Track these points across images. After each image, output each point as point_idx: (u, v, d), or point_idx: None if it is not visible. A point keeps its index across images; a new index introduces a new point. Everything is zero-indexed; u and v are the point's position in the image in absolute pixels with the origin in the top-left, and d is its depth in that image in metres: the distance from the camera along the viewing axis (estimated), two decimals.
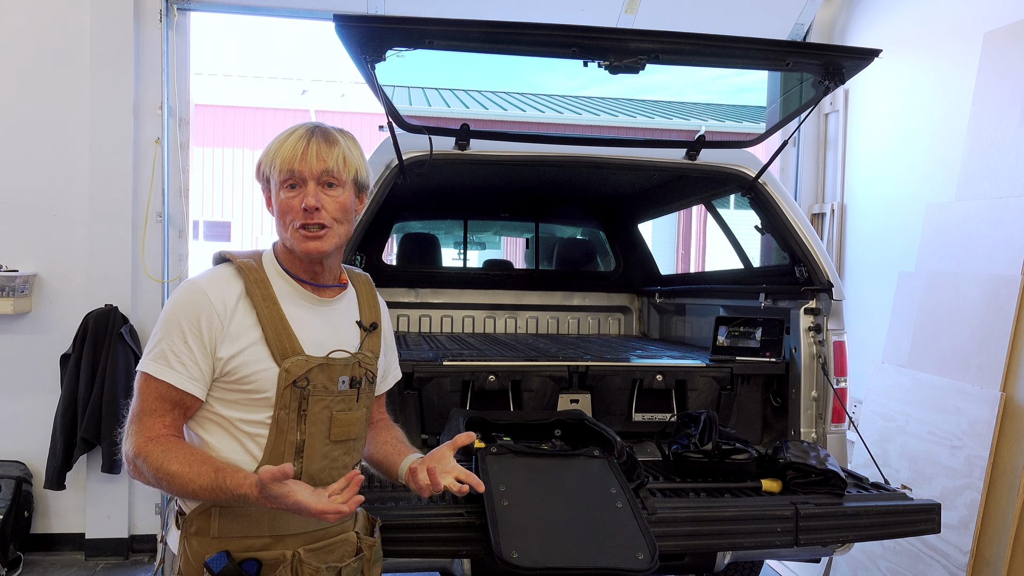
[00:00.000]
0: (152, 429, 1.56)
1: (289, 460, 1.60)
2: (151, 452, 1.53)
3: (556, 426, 2.63)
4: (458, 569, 2.47)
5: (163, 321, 1.59)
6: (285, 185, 1.61)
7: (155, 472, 1.51)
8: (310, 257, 1.63)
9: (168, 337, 1.57)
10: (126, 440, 1.57)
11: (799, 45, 3.20)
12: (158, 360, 1.56)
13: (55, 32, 4.44)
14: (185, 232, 4.66)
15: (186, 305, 1.57)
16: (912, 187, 4.34)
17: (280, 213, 1.62)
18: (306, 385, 1.60)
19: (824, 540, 2.39)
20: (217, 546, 1.58)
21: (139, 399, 1.58)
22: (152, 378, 1.56)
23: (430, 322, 4.90)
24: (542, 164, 3.28)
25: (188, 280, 1.63)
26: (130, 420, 1.58)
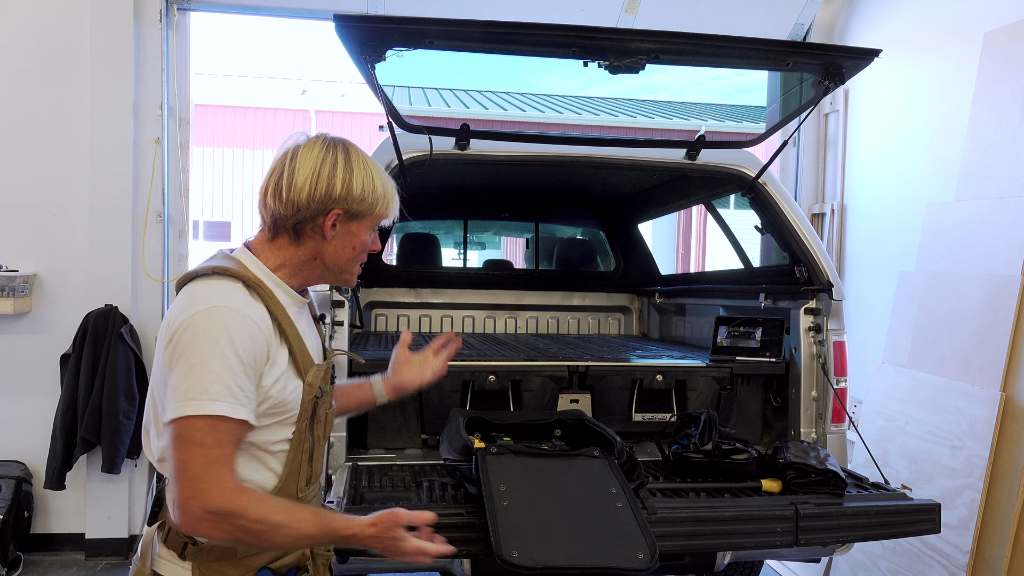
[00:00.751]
0: (230, 479, 1.41)
1: (305, 468, 1.60)
2: (248, 505, 1.40)
3: (556, 426, 2.63)
4: (458, 569, 2.47)
5: (211, 354, 1.39)
6: (373, 228, 1.65)
7: (257, 525, 1.39)
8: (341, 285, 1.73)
9: (227, 371, 1.40)
10: (200, 497, 1.37)
11: (799, 45, 3.21)
12: (225, 398, 1.39)
13: (55, 32, 4.44)
14: (185, 232, 4.66)
15: (237, 334, 1.42)
16: (912, 187, 4.34)
17: (352, 249, 1.62)
18: (321, 395, 1.61)
19: (824, 540, 2.39)
20: (247, 566, 1.53)
21: (207, 447, 1.38)
22: (224, 420, 1.39)
23: (430, 322, 4.90)
24: (542, 164, 3.28)
25: (219, 304, 1.43)
26: (198, 474, 1.38)
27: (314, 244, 1.58)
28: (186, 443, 1.38)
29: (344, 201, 1.55)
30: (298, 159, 1.55)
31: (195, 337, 1.40)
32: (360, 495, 2.39)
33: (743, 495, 2.46)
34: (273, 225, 1.58)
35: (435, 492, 2.37)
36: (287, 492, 1.56)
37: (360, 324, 4.31)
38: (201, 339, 1.40)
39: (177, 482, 1.39)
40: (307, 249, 1.59)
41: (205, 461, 1.38)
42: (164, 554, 1.53)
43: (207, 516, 1.38)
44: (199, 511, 1.38)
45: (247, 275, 1.51)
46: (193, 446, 1.38)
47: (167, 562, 1.52)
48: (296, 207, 1.53)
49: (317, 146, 1.56)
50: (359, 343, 3.69)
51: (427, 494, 2.35)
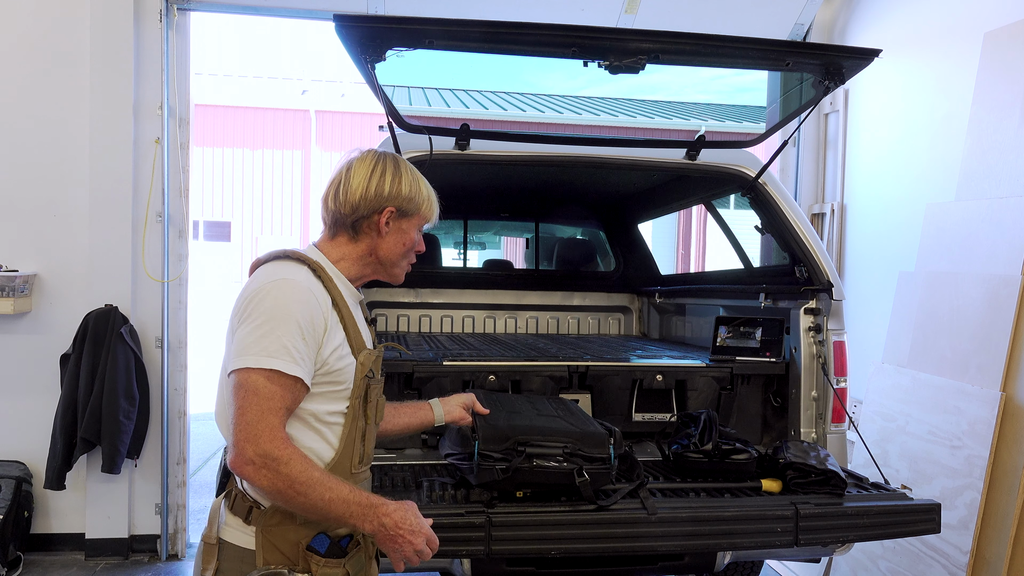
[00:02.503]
0: (281, 430, 1.56)
1: (358, 444, 1.76)
2: (294, 456, 1.54)
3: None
4: (458, 569, 2.47)
5: (275, 316, 1.59)
6: (420, 228, 1.89)
7: (298, 475, 1.53)
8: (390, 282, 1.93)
9: (287, 332, 1.58)
10: (252, 441, 1.52)
11: (799, 45, 3.21)
12: (282, 356, 1.56)
13: (55, 32, 4.44)
14: (185, 232, 4.66)
15: (299, 303, 1.61)
16: (912, 187, 4.34)
17: (403, 245, 1.85)
18: (372, 376, 1.77)
19: (824, 540, 2.39)
20: (306, 531, 1.65)
21: (262, 396, 1.55)
22: (279, 374, 1.56)
23: (430, 322, 4.90)
24: (542, 164, 3.28)
25: (286, 278, 1.64)
26: (253, 420, 1.53)
27: (370, 240, 1.81)
28: (245, 391, 1.55)
29: (396, 199, 1.79)
30: (353, 168, 1.80)
31: (262, 302, 1.61)
32: None
33: (743, 495, 2.46)
34: (333, 224, 1.81)
35: (435, 492, 2.37)
36: (342, 467, 1.72)
37: None
38: (267, 304, 1.61)
39: (234, 426, 1.55)
40: (363, 245, 1.81)
41: (260, 410, 1.54)
42: (230, 521, 1.69)
43: (256, 458, 1.52)
44: (251, 452, 1.52)
45: (311, 260, 1.73)
46: (250, 395, 1.55)
47: (233, 529, 1.68)
48: (354, 207, 1.77)
49: (370, 157, 1.82)
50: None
51: (427, 494, 2.35)
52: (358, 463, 1.77)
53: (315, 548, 1.65)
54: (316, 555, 1.64)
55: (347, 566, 1.68)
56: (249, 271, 1.78)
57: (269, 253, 1.77)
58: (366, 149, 1.85)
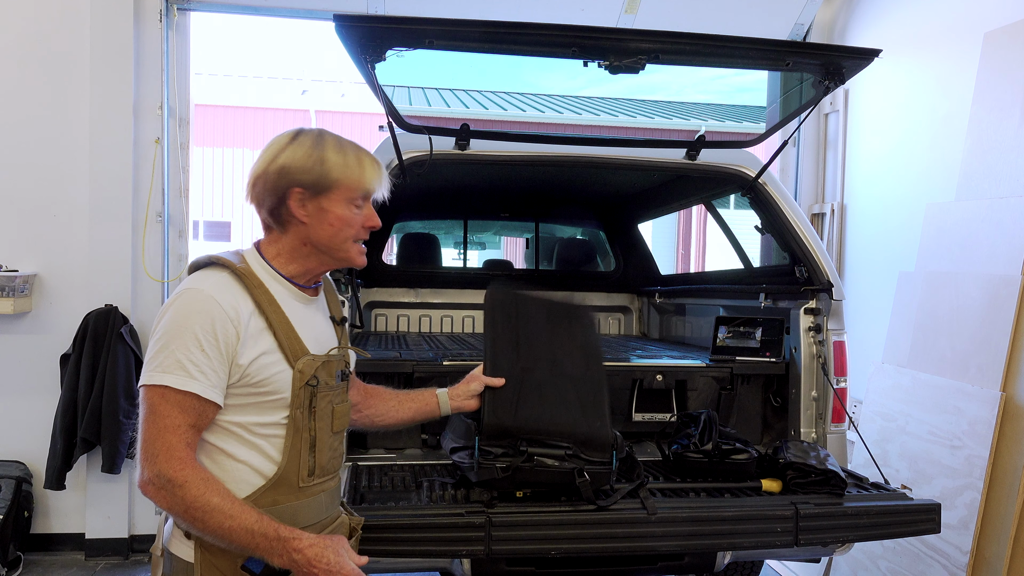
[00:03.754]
0: (180, 450, 1.47)
1: (305, 455, 1.65)
2: (190, 479, 1.45)
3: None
4: (458, 569, 2.47)
5: (171, 330, 1.50)
6: (353, 202, 1.66)
7: (193, 500, 1.44)
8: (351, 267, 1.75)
9: (182, 346, 1.49)
10: (151, 461, 1.45)
11: (799, 45, 3.20)
12: (175, 371, 1.48)
13: (55, 32, 4.44)
14: (185, 232, 4.66)
15: (198, 313, 1.51)
16: (912, 187, 4.34)
17: (332, 226, 1.64)
18: (316, 384, 1.65)
19: (824, 540, 2.39)
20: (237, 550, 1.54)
21: (157, 415, 1.47)
22: (172, 390, 1.48)
23: (430, 322, 4.90)
24: (542, 164, 3.28)
25: (189, 287, 1.55)
26: (150, 439, 1.47)
27: (296, 229, 1.65)
28: (144, 410, 1.50)
29: (295, 178, 1.60)
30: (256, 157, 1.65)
31: (163, 316, 1.54)
32: (360, 495, 2.39)
33: (743, 495, 2.46)
34: (262, 222, 1.68)
35: (435, 492, 2.37)
36: (287, 480, 1.61)
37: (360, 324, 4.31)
38: (166, 317, 1.53)
39: (139, 445, 1.50)
40: (292, 236, 1.66)
41: (156, 428, 1.47)
42: (175, 533, 1.60)
43: (154, 479, 1.46)
44: (149, 473, 1.46)
45: (235, 265, 1.61)
46: (148, 413, 1.49)
47: (176, 541, 1.60)
48: (259, 197, 1.63)
49: (274, 138, 1.65)
50: (359, 343, 3.69)
51: (427, 494, 2.35)
52: (307, 476, 1.64)
53: (249, 568, 1.52)
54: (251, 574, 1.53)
55: None
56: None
57: (194, 261, 1.65)
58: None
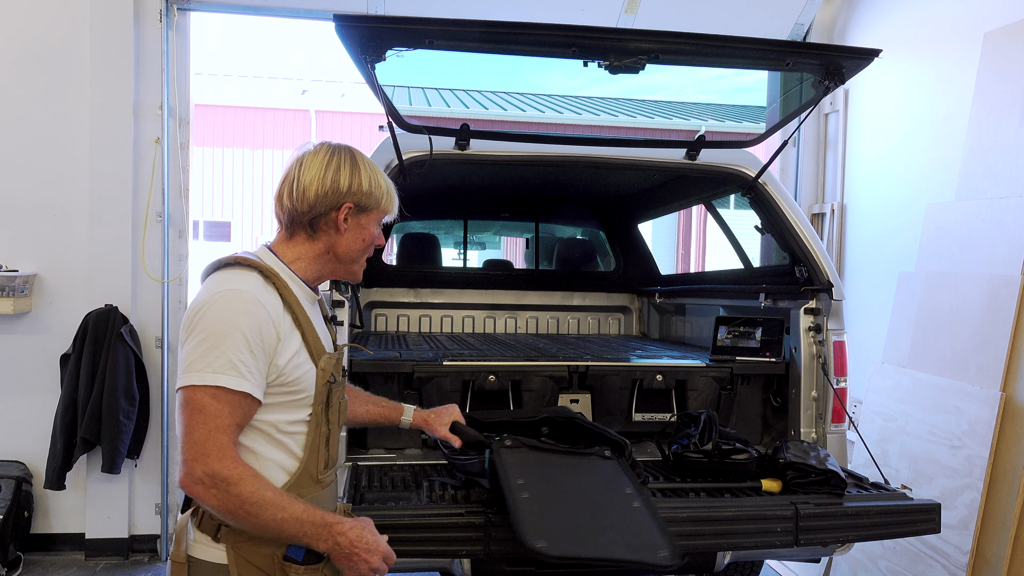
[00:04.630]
0: (230, 448, 1.51)
1: (322, 450, 1.72)
2: (244, 475, 1.50)
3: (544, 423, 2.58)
4: (458, 569, 2.47)
5: (219, 330, 1.53)
6: (379, 223, 1.81)
7: (249, 496, 1.48)
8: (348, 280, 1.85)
9: (232, 347, 1.52)
10: (201, 460, 1.47)
11: (799, 45, 3.21)
12: (227, 371, 1.51)
13: (55, 32, 4.44)
14: (185, 232, 4.66)
15: (244, 314, 1.55)
16: (912, 187, 4.34)
17: (362, 241, 1.78)
18: (334, 381, 1.74)
19: (824, 540, 2.39)
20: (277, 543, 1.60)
21: (208, 415, 1.50)
22: (226, 391, 1.51)
23: (430, 322, 4.90)
24: (542, 164, 3.28)
25: (231, 288, 1.58)
26: (200, 438, 1.49)
27: (328, 238, 1.74)
28: (191, 410, 1.51)
29: (354, 195, 1.72)
30: (306, 163, 1.72)
31: (206, 315, 1.55)
32: (360, 495, 2.39)
33: (743, 495, 2.46)
34: (290, 224, 1.74)
35: (435, 492, 2.37)
36: (307, 475, 1.68)
37: (360, 324, 4.32)
38: (211, 317, 1.55)
39: (182, 445, 1.50)
40: (321, 243, 1.74)
41: (207, 428, 1.50)
42: (198, 538, 1.62)
43: (205, 478, 1.48)
44: (200, 472, 1.48)
45: (263, 265, 1.66)
46: (197, 413, 1.50)
47: (202, 545, 1.62)
48: (311, 204, 1.70)
49: (323, 150, 1.74)
50: (359, 343, 3.69)
51: (427, 494, 2.35)
52: (323, 469, 1.73)
53: (292, 557, 1.61)
54: (294, 564, 1.61)
55: (324, 570, 1.64)
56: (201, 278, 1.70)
57: (218, 260, 1.68)
58: (319, 142, 1.76)
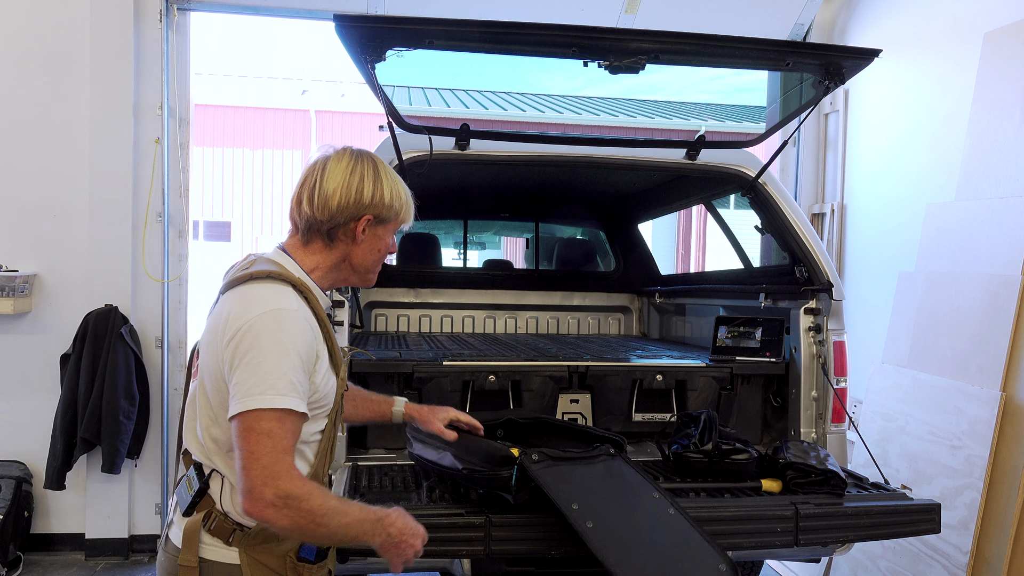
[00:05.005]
0: (295, 468, 1.53)
1: (330, 455, 1.76)
2: (312, 490, 1.53)
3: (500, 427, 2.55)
4: (458, 569, 2.47)
5: (276, 351, 1.52)
6: (394, 232, 1.82)
7: (318, 508, 1.52)
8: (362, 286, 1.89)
9: (292, 368, 1.53)
10: (271, 483, 1.48)
11: (799, 45, 3.21)
12: (290, 394, 1.52)
13: (55, 32, 4.44)
14: (185, 232, 4.66)
15: (298, 334, 1.56)
16: (912, 187, 4.34)
17: (378, 252, 1.80)
18: (347, 389, 1.79)
19: (824, 540, 2.39)
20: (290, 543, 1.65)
21: (275, 437, 1.50)
22: (291, 413, 1.53)
23: (430, 322, 4.90)
24: (542, 164, 3.28)
25: (277, 307, 1.56)
26: (269, 461, 1.49)
27: (344, 247, 1.74)
28: (256, 434, 1.49)
29: (375, 207, 1.71)
30: (329, 170, 1.69)
31: (258, 337, 1.52)
32: (360, 495, 2.39)
33: (743, 495, 2.46)
34: (307, 230, 1.71)
35: (435, 492, 2.37)
36: (317, 477, 1.72)
37: (360, 324, 4.31)
38: (265, 339, 1.52)
39: (246, 471, 1.49)
40: (338, 252, 1.74)
41: (274, 451, 1.50)
42: (210, 541, 1.63)
43: (276, 500, 1.48)
44: (271, 496, 1.48)
45: (295, 279, 1.64)
46: (263, 437, 1.49)
47: (214, 548, 1.63)
48: (332, 214, 1.68)
49: (346, 158, 1.71)
50: (359, 343, 3.69)
51: (427, 494, 2.35)
52: (327, 470, 1.78)
53: (306, 558, 1.66)
54: (308, 564, 1.66)
55: (329, 564, 1.75)
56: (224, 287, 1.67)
57: (246, 271, 1.65)
58: (340, 147, 1.74)
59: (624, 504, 2.15)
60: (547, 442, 2.44)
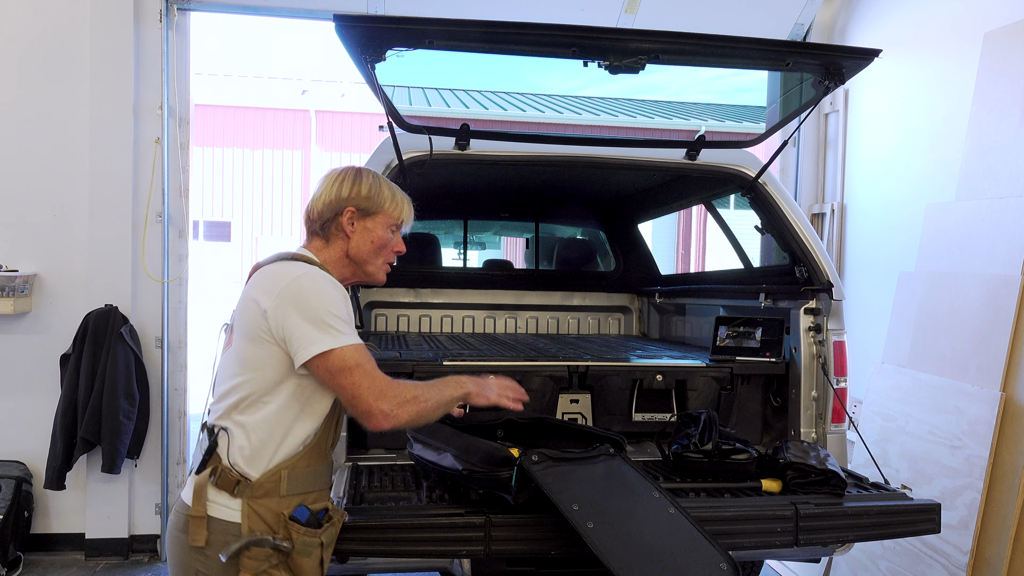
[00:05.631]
0: (384, 376, 1.84)
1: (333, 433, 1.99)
2: (406, 385, 1.87)
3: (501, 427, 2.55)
4: (458, 569, 2.47)
5: (328, 300, 1.83)
6: (391, 228, 2.04)
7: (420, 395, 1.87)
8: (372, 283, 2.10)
9: (347, 311, 1.85)
10: (380, 398, 1.79)
11: (799, 45, 3.21)
12: (348, 331, 1.84)
13: (55, 32, 4.44)
14: (185, 232, 4.66)
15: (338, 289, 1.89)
16: (912, 187, 4.34)
17: (371, 243, 2.01)
18: None
19: (824, 540, 2.39)
20: (287, 503, 1.85)
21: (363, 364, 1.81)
22: (362, 345, 1.84)
23: (430, 322, 4.90)
24: (542, 164, 3.28)
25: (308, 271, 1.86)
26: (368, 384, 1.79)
27: (341, 243, 1.99)
28: (348, 371, 1.80)
29: (354, 200, 1.98)
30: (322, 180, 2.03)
31: (304, 292, 1.82)
32: (360, 495, 2.39)
33: (743, 495, 2.46)
34: (309, 232, 2.02)
35: (435, 492, 2.37)
36: (320, 448, 1.92)
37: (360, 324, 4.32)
38: (313, 292, 1.82)
39: (358, 400, 1.80)
40: (336, 248, 2.00)
41: (367, 376, 1.81)
42: (214, 497, 1.83)
43: (393, 408, 1.80)
44: (387, 407, 1.80)
45: (316, 262, 1.95)
46: (354, 370, 1.80)
47: (218, 505, 1.82)
48: (320, 212, 1.98)
49: (338, 170, 2.04)
50: None
51: (427, 494, 2.35)
52: (330, 447, 1.98)
53: (296, 518, 1.83)
54: (297, 524, 1.83)
55: (322, 537, 1.86)
56: (250, 273, 1.95)
57: (276, 255, 1.95)
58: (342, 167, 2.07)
59: (625, 504, 2.15)
60: (547, 442, 2.44)
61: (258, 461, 1.83)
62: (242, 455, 1.82)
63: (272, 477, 1.83)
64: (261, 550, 1.79)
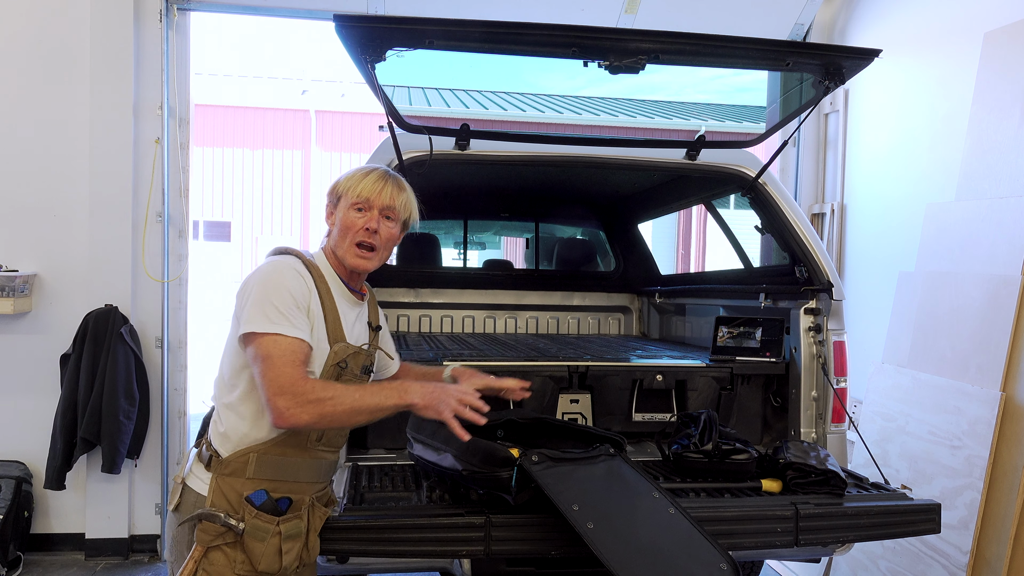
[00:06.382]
0: (300, 373, 1.80)
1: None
2: (316, 385, 1.81)
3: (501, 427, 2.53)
4: (458, 569, 2.47)
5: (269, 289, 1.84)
6: (354, 207, 2.03)
7: (325, 395, 1.79)
8: (356, 271, 2.08)
9: (283, 302, 1.84)
10: (279, 392, 1.75)
11: (799, 45, 3.20)
12: (282, 323, 1.82)
13: (55, 32, 4.44)
14: (185, 232, 4.66)
15: (292, 278, 1.89)
16: (912, 187, 4.34)
17: (343, 228, 2.03)
18: (344, 367, 1.98)
19: (824, 540, 2.38)
20: (251, 486, 1.88)
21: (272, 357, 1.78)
22: (284, 336, 1.81)
23: (430, 322, 4.90)
24: (542, 164, 3.28)
25: (279, 258, 1.93)
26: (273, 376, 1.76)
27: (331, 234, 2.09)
28: (258, 358, 1.80)
29: (329, 194, 2.10)
30: None
31: (256, 281, 1.88)
32: (360, 495, 2.39)
33: (743, 495, 2.46)
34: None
35: (435, 492, 2.37)
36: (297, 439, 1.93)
37: None
38: (261, 281, 1.87)
39: (261, 391, 1.80)
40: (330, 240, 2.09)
41: (273, 367, 1.78)
42: (195, 469, 1.95)
43: (295, 405, 1.75)
44: (285, 404, 1.76)
45: (302, 255, 2.01)
46: (264, 358, 1.79)
47: (195, 476, 1.94)
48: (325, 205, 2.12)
49: None
50: None
51: (427, 494, 2.35)
52: (315, 440, 1.98)
53: (251, 500, 1.85)
54: (251, 506, 1.85)
55: (281, 526, 1.86)
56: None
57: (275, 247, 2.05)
58: None
59: (625, 504, 2.15)
60: (547, 442, 2.44)
61: (227, 442, 1.91)
62: (216, 432, 1.93)
63: (240, 458, 1.89)
64: (212, 525, 1.83)
